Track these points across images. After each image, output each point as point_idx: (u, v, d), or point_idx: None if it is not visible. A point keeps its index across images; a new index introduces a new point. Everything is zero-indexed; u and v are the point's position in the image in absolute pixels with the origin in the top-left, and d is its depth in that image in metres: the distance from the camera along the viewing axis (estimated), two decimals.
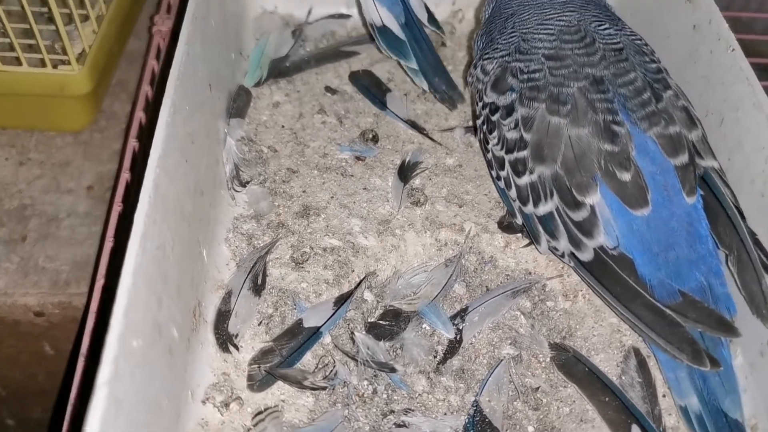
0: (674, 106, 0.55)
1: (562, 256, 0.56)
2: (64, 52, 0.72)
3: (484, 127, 0.60)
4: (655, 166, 0.52)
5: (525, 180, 0.55)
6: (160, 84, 0.72)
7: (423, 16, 0.71)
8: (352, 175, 0.65)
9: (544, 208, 0.54)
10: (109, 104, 0.86)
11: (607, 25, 0.59)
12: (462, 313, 0.57)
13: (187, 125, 0.52)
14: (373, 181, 0.65)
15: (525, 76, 0.56)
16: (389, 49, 0.69)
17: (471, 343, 0.56)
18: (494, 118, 0.58)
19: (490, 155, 0.60)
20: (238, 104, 0.68)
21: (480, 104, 0.61)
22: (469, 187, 0.65)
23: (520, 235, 0.61)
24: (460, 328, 0.56)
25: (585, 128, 0.53)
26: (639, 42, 0.59)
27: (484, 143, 0.61)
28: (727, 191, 0.53)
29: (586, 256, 0.52)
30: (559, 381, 0.54)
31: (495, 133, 0.58)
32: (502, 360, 0.55)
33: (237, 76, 0.70)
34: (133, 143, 0.68)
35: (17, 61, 0.71)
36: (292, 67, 0.73)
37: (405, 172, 0.65)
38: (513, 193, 0.57)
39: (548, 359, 0.55)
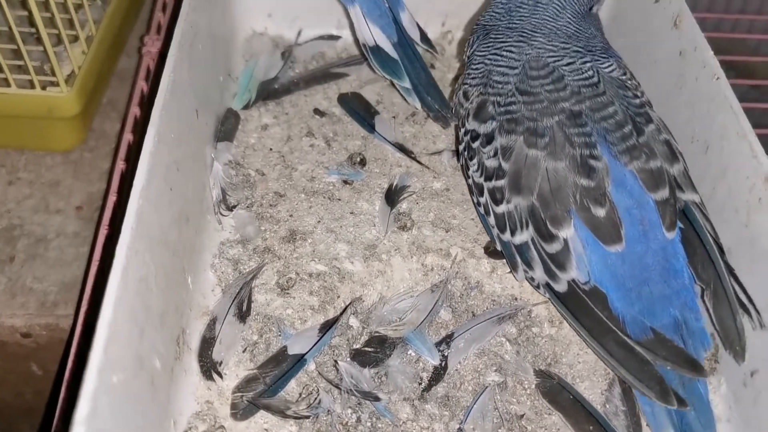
0: (656, 140, 0.55)
1: (538, 287, 0.56)
2: (53, 74, 0.72)
3: (465, 153, 0.60)
4: (632, 200, 0.52)
5: (502, 208, 0.55)
6: (149, 105, 0.72)
7: (415, 35, 0.71)
8: (339, 199, 0.65)
9: (520, 238, 0.55)
10: (100, 123, 0.86)
11: (582, 61, 0.59)
12: (448, 339, 0.57)
13: (173, 153, 0.53)
14: (360, 205, 0.65)
15: (502, 108, 0.57)
16: (382, 69, 0.69)
17: (456, 370, 0.56)
18: (474, 145, 0.58)
19: (470, 180, 0.60)
20: (226, 127, 0.68)
21: (462, 130, 0.61)
22: (456, 211, 0.65)
23: (505, 260, 0.61)
24: (446, 354, 0.56)
25: (562, 162, 0.53)
26: (623, 77, 0.59)
27: (465, 169, 0.61)
28: (707, 225, 0.53)
29: (561, 287, 0.53)
30: (543, 408, 0.54)
31: (475, 160, 0.58)
32: (487, 387, 0.55)
33: (225, 98, 0.71)
34: (121, 165, 0.68)
35: (5, 83, 0.72)
36: (281, 89, 0.73)
37: (392, 196, 0.65)
38: (492, 220, 0.57)
39: (533, 386, 0.55)
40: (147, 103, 0.74)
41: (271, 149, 0.69)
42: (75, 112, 0.73)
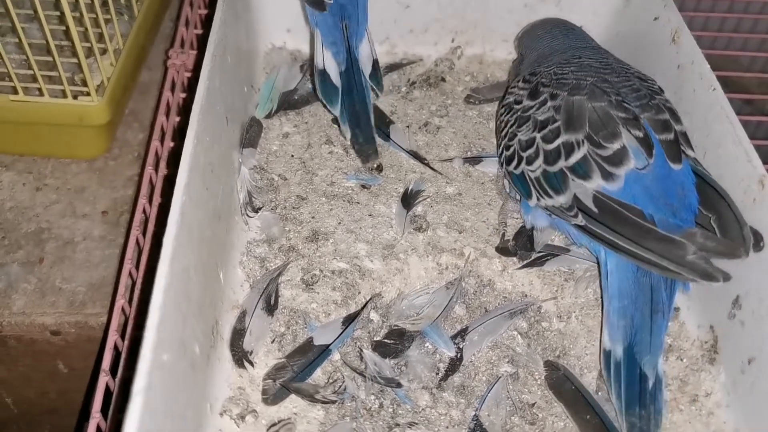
0: (664, 105, 0.61)
1: (575, 215, 0.59)
2: (84, 84, 0.76)
3: (513, 121, 0.66)
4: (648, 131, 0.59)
5: (557, 142, 0.61)
6: (183, 114, 0.76)
7: (366, 69, 0.72)
8: (358, 202, 0.69)
9: (576, 156, 0.59)
10: (123, 133, 0.90)
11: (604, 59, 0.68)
12: (462, 333, 0.61)
13: (208, 155, 0.56)
14: (377, 208, 0.68)
15: (554, 80, 0.65)
16: (321, 94, 0.71)
17: (471, 361, 0.60)
18: (528, 113, 0.64)
19: (514, 146, 0.65)
20: (251, 135, 0.71)
21: (513, 109, 0.67)
22: (469, 214, 0.68)
23: (515, 259, 0.65)
24: (461, 346, 0.60)
25: (602, 102, 0.60)
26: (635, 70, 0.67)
27: (509, 138, 0.66)
28: (706, 171, 0.60)
29: (617, 185, 0.57)
30: (553, 397, 0.58)
31: (528, 123, 0.64)
32: (500, 377, 0.58)
33: (249, 108, 0.74)
34: (150, 171, 0.71)
35: (39, 92, 0.75)
36: (300, 100, 0.77)
37: (408, 199, 0.69)
38: (540, 161, 0.62)
39: (543, 377, 0.59)
40: (175, 112, 0.77)
41: (292, 156, 0.72)
42: (105, 120, 0.77)
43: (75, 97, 0.76)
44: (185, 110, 0.79)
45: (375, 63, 0.73)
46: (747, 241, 0.54)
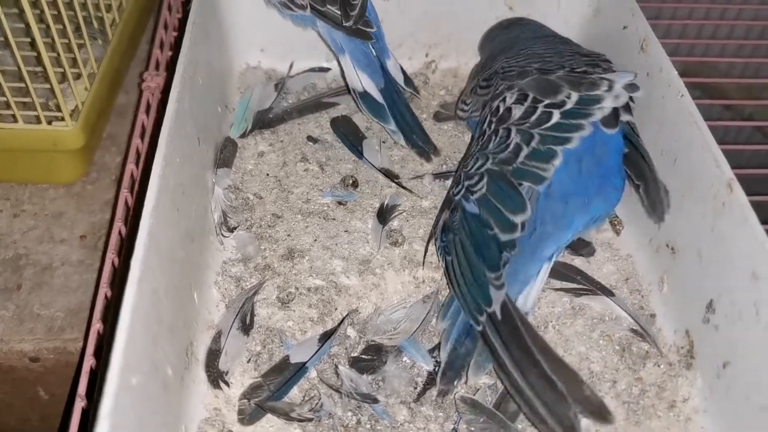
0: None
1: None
2: (58, 109, 0.76)
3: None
4: None
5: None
6: (151, 137, 0.76)
7: (400, 79, 0.76)
8: (333, 219, 0.69)
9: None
10: (101, 156, 0.90)
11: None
12: (440, 347, 0.60)
13: (178, 176, 0.56)
14: (353, 223, 0.69)
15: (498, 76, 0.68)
16: (370, 113, 0.74)
17: None
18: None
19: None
20: (225, 155, 0.72)
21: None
22: None
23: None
24: (438, 360, 0.60)
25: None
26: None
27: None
28: (640, 140, 0.64)
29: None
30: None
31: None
32: (478, 389, 0.58)
33: (223, 128, 0.75)
34: (125, 194, 0.71)
35: (12, 118, 0.75)
36: (275, 119, 0.77)
37: (384, 214, 0.69)
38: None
39: None
40: (148, 135, 0.77)
41: (267, 174, 0.73)
42: (79, 144, 0.77)
43: (49, 123, 0.76)
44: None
45: (403, 71, 0.77)
46: (665, 205, 0.61)
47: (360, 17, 0.72)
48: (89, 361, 0.60)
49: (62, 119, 0.75)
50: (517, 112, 0.62)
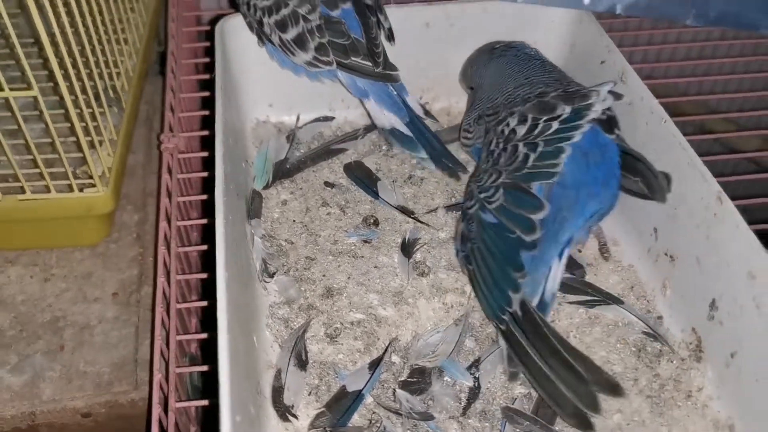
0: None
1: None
2: (85, 176, 0.81)
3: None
4: None
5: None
6: (186, 193, 0.81)
7: (420, 111, 0.83)
8: (362, 257, 0.75)
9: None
10: (119, 216, 0.94)
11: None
12: (476, 363, 0.67)
13: (233, 231, 0.62)
14: (381, 259, 0.75)
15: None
16: (401, 145, 0.81)
17: (488, 388, 0.66)
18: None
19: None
20: (254, 206, 0.77)
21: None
22: None
23: None
24: (477, 376, 0.66)
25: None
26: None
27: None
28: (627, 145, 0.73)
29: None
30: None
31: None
32: (516, 399, 0.65)
33: (248, 182, 0.80)
34: (163, 251, 0.76)
35: (46, 189, 0.80)
36: (292, 168, 0.83)
37: (407, 248, 0.75)
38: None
39: None
40: (183, 191, 0.82)
41: (294, 221, 0.78)
42: (111, 208, 0.82)
43: (81, 190, 0.80)
44: (186, 189, 0.84)
45: (421, 105, 0.85)
46: (665, 188, 0.69)
47: (386, 62, 0.80)
48: (157, 410, 0.65)
49: (93, 185, 0.80)
50: (521, 130, 0.71)
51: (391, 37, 0.83)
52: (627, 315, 0.70)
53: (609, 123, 0.71)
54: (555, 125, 0.69)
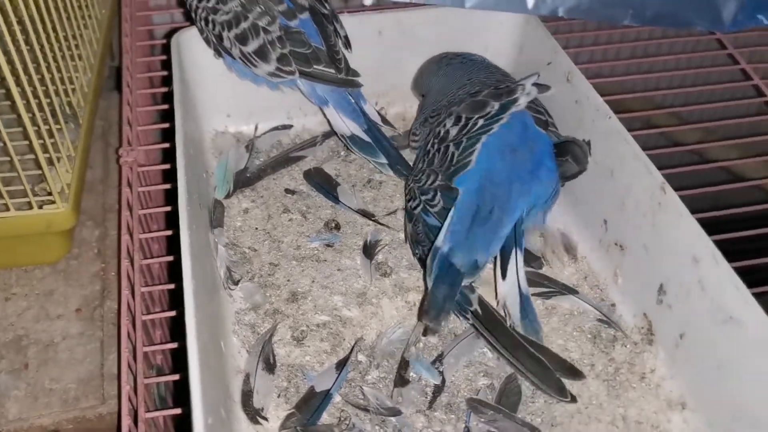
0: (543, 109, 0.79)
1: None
2: (47, 193, 0.81)
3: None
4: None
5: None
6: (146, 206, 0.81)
7: (377, 118, 0.85)
8: (325, 260, 0.77)
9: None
10: (78, 231, 0.94)
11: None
12: (440, 358, 0.69)
13: (198, 241, 0.63)
14: (343, 262, 0.77)
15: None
16: (360, 151, 0.83)
17: (452, 381, 0.68)
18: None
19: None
20: (216, 215, 0.78)
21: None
22: None
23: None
24: (441, 370, 0.68)
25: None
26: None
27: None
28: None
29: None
30: (527, 397, 0.67)
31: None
32: (479, 390, 0.67)
33: (209, 191, 0.81)
34: (126, 264, 0.77)
35: (5, 207, 0.79)
36: (252, 177, 0.85)
37: (369, 250, 0.77)
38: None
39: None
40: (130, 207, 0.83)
41: (256, 228, 0.80)
42: (72, 224, 0.82)
43: (40, 207, 0.80)
44: (147, 202, 0.85)
45: (378, 112, 0.87)
46: (587, 153, 0.75)
47: (348, 68, 0.82)
48: (126, 422, 0.65)
49: (52, 202, 0.80)
50: (453, 131, 0.74)
51: (347, 44, 0.85)
52: (582, 304, 0.73)
53: (544, 122, 0.76)
54: (480, 122, 0.73)
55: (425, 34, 0.90)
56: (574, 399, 0.65)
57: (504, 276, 0.69)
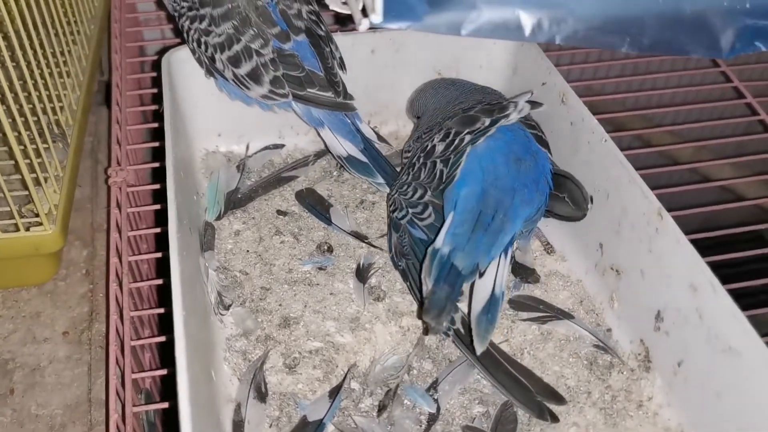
0: (527, 122, 0.78)
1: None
2: (34, 214, 0.79)
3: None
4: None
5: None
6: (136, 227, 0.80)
7: (373, 137, 0.84)
8: (317, 284, 0.75)
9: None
10: (67, 252, 0.93)
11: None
12: (434, 385, 0.68)
13: (188, 267, 0.62)
14: (336, 285, 0.75)
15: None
16: (357, 172, 0.82)
17: (447, 409, 0.67)
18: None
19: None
20: (207, 238, 0.77)
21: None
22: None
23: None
24: (436, 397, 0.67)
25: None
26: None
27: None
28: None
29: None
30: (523, 425, 0.66)
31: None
32: (474, 418, 0.66)
33: (201, 214, 0.80)
34: (114, 288, 0.75)
35: None
36: (243, 198, 0.83)
37: (362, 273, 0.76)
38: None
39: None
40: (134, 225, 0.82)
41: (248, 251, 0.78)
42: (60, 246, 0.80)
43: (27, 229, 0.79)
44: (137, 222, 0.84)
45: (374, 129, 0.86)
46: (587, 201, 0.73)
47: (346, 92, 0.81)
48: None
49: (40, 224, 0.79)
50: (441, 146, 0.74)
51: (342, 66, 0.84)
52: (578, 329, 0.72)
53: (542, 140, 0.76)
54: (467, 137, 0.73)
55: (418, 54, 0.90)
56: (555, 418, 0.65)
57: (482, 275, 0.68)
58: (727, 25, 0.54)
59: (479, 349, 0.64)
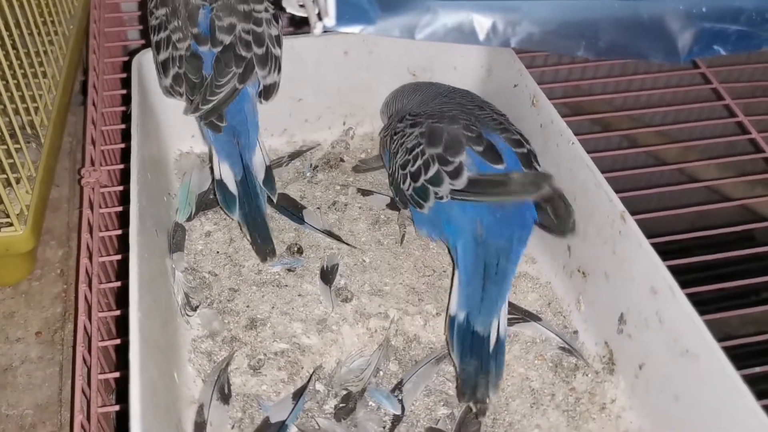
0: (516, 131, 0.77)
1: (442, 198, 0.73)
2: (5, 215, 0.79)
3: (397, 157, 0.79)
4: (504, 146, 0.74)
5: (419, 162, 0.74)
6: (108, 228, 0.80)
7: (260, 177, 0.78)
8: (286, 285, 0.76)
9: (432, 171, 0.73)
10: (41, 252, 0.93)
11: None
12: (399, 385, 0.68)
13: (149, 269, 0.62)
14: (305, 287, 0.76)
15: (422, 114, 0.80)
16: (220, 201, 0.77)
17: (412, 410, 0.67)
18: (402, 141, 0.79)
19: (396, 165, 0.79)
20: (177, 239, 0.77)
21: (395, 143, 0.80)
22: (387, 279, 0.77)
23: (435, 313, 0.74)
24: (400, 398, 0.67)
25: (455, 126, 0.74)
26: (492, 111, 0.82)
27: (400, 167, 0.78)
28: None
29: (461, 183, 0.71)
30: (487, 427, 0.66)
31: (402, 147, 0.78)
32: (438, 419, 0.66)
33: (171, 214, 0.80)
34: (84, 289, 0.75)
35: None
36: (215, 199, 0.83)
37: (327, 275, 0.76)
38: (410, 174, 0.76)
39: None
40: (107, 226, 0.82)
41: (218, 252, 0.79)
42: (31, 247, 0.80)
43: None
44: (109, 223, 0.84)
45: (268, 170, 0.79)
46: (573, 219, 0.71)
47: (213, 111, 0.77)
48: None
49: (10, 224, 0.79)
50: (409, 163, 0.76)
51: (266, 96, 0.82)
52: (544, 331, 0.72)
53: (528, 157, 0.74)
54: (433, 169, 0.73)
55: (392, 55, 0.90)
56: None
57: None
58: (685, 29, 0.54)
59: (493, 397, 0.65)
